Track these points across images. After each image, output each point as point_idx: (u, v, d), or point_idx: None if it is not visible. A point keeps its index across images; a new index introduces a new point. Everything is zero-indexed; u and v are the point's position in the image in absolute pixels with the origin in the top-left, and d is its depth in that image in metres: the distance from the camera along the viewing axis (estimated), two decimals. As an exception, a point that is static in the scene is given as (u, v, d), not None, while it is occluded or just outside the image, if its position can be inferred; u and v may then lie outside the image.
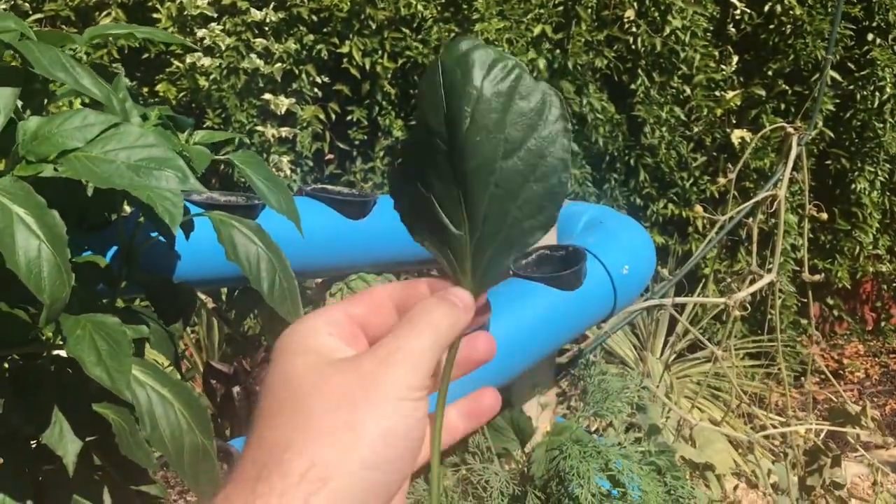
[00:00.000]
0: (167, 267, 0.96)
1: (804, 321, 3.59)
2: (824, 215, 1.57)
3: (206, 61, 2.83)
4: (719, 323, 3.44)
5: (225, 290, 1.27)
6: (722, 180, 1.54)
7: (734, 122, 3.34)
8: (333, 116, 3.06)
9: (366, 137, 3.10)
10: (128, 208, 0.81)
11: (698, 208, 1.56)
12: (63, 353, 0.75)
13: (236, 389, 1.09)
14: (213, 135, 0.82)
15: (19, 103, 0.76)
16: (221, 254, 1.02)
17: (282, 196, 0.83)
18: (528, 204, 0.43)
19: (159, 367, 0.71)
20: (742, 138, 3.21)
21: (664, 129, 3.20)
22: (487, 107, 0.42)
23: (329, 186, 1.23)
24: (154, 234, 0.88)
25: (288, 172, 2.89)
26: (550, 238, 1.25)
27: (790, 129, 1.47)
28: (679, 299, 1.39)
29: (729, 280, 1.62)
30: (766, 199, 1.47)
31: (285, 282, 0.76)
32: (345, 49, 2.97)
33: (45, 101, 0.77)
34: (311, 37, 2.97)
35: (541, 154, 0.42)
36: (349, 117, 3.06)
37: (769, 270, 1.62)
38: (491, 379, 1.07)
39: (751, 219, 1.75)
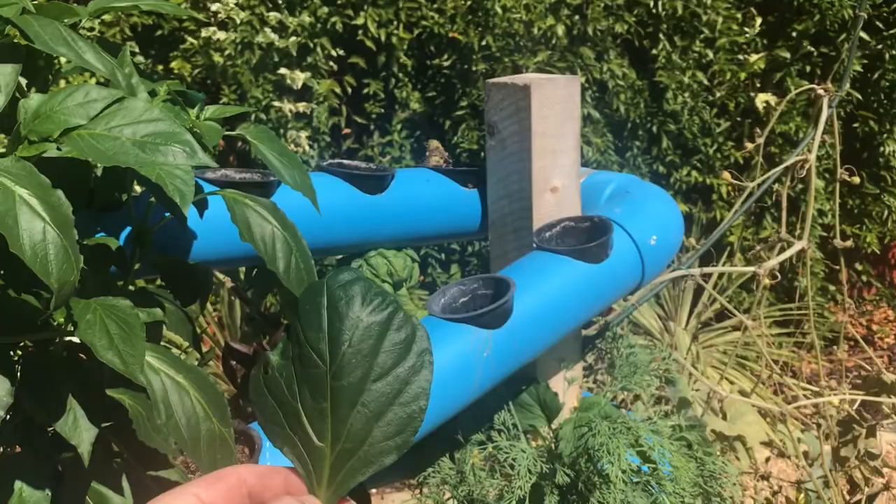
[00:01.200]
0: (182, 247, 0.94)
1: (832, 287, 3.53)
2: (856, 178, 1.52)
3: (221, 35, 2.80)
4: (745, 291, 3.39)
5: (243, 268, 1.25)
6: (749, 146, 1.49)
7: (758, 85, 3.27)
8: (349, 90, 3.03)
9: (383, 111, 3.06)
10: (138, 188, 0.79)
11: (726, 174, 1.52)
12: (76, 338, 0.73)
13: (256, 370, 1.07)
14: (225, 109, 0.80)
15: (23, 81, 0.73)
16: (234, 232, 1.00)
17: (297, 172, 0.80)
18: (390, 426, 0.47)
19: (174, 353, 0.69)
20: (767, 102, 3.14)
21: (687, 94, 3.14)
22: (365, 333, 0.46)
23: (346, 161, 1.20)
24: (167, 214, 0.86)
25: (306, 148, 2.86)
26: (575, 209, 1.21)
27: (820, 91, 1.42)
28: (707, 269, 1.35)
29: (758, 248, 1.58)
30: (796, 164, 1.42)
31: (302, 263, 0.74)
32: (359, 20, 2.93)
33: (50, 78, 0.74)
34: (325, 9, 2.92)
35: (406, 381, 0.47)
36: (365, 90, 3.02)
37: (798, 237, 1.58)
38: (517, 356, 1.05)
39: (778, 185, 1.70)
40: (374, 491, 2.23)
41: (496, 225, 1.23)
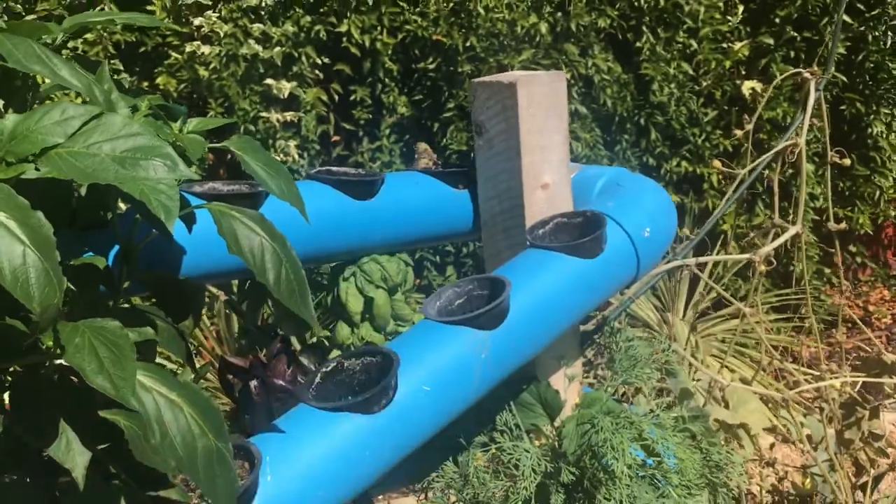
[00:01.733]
0: (172, 263, 0.93)
1: (828, 270, 3.53)
2: (847, 160, 1.51)
3: (206, 49, 2.79)
4: (741, 279, 3.39)
5: (236, 281, 1.24)
6: (739, 133, 1.49)
7: (743, 73, 3.27)
8: (336, 97, 3.02)
9: (371, 116, 3.05)
10: (122, 205, 0.78)
11: (716, 163, 1.51)
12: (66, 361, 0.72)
13: (253, 383, 1.06)
14: (207, 122, 0.79)
15: (0, 103, 0.72)
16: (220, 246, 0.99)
17: (283, 181, 0.79)
18: None
19: (166, 370, 0.68)
20: (753, 89, 3.12)
21: (673, 85, 3.13)
22: None
23: (334, 168, 1.19)
24: (154, 231, 0.85)
25: (296, 157, 2.85)
26: (566, 205, 1.21)
27: (807, 75, 1.41)
28: (703, 258, 1.34)
29: (752, 235, 1.57)
30: (787, 149, 1.42)
31: (292, 273, 0.73)
32: (343, 28, 2.92)
33: (29, 98, 0.73)
34: (308, 18, 2.91)
35: None
36: (352, 97, 3.01)
37: (791, 222, 1.57)
38: (516, 356, 1.04)
39: (768, 171, 1.70)
40: (379, 497, 2.22)
41: (488, 225, 1.22)
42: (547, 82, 1.14)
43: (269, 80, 2.85)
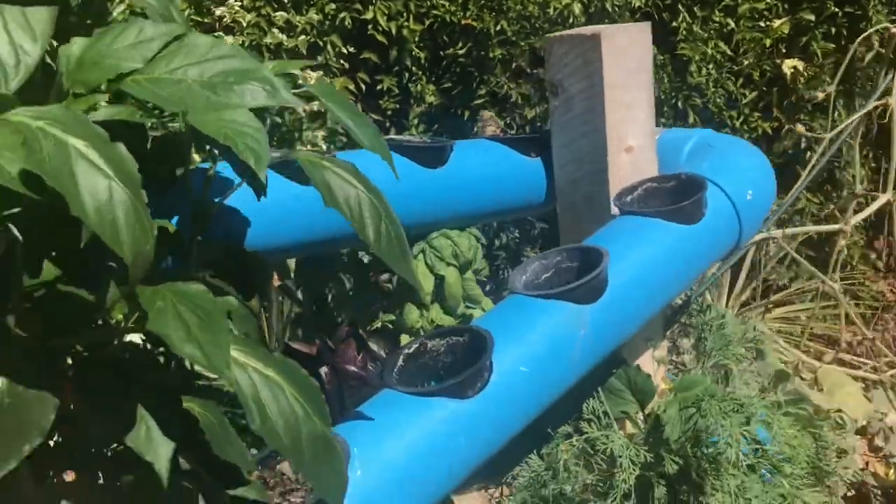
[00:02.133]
0: (237, 233, 0.83)
1: (872, 255, 3.41)
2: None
3: (228, 40, 2.70)
4: (784, 267, 3.27)
5: (293, 264, 1.14)
6: (820, 95, 1.39)
7: (783, 51, 3.15)
8: (363, 87, 2.92)
9: (398, 106, 2.96)
10: (197, 157, 0.68)
11: (800, 127, 1.41)
12: (136, 338, 0.62)
13: (324, 370, 0.96)
14: (285, 64, 0.69)
15: (53, 43, 0.62)
16: (291, 216, 0.89)
17: (370, 131, 0.69)
18: None
19: (259, 345, 0.58)
20: (794, 67, 3.02)
21: (711, 66, 3.02)
22: None
23: (395, 136, 1.10)
24: (218, 199, 0.75)
25: (324, 147, 2.76)
26: (652, 170, 1.10)
27: (895, 30, 1.31)
28: (791, 230, 1.24)
29: (831, 207, 1.47)
30: (876, 110, 1.31)
31: (392, 229, 0.63)
32: (369, 15, 2.82)
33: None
34: (333, 5, 2.82)
35: None
36: (379, 86, 2.91)
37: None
38: (617, 332, 0.94)
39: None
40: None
41: (565, 192, 1.12)
42: (633, 33, 1.04)
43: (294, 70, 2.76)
